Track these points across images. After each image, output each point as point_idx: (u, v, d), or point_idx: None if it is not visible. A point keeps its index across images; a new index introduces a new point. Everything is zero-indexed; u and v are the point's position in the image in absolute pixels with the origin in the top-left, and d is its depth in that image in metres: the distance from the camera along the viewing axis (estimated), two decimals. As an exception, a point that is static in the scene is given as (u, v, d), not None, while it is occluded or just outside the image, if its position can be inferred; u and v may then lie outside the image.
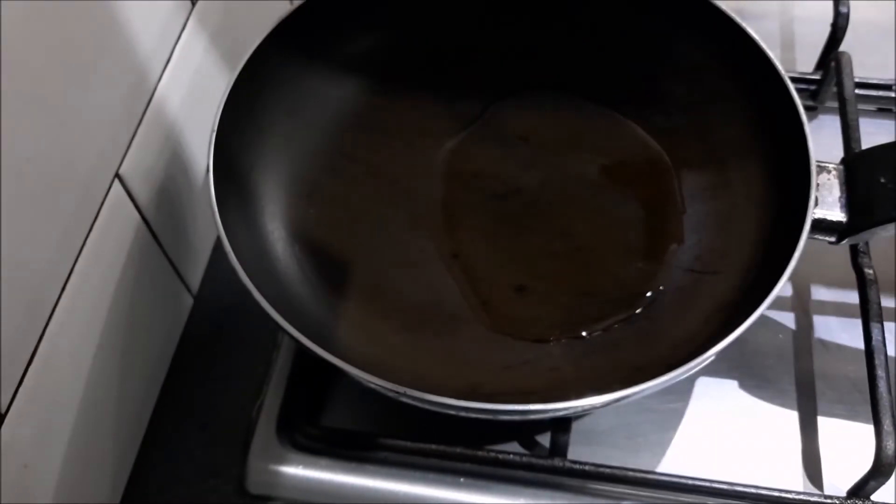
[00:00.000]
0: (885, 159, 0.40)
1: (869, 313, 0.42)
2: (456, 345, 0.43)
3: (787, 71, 0.42)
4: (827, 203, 0.40)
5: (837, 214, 0.40)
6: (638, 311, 0.43)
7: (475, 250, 0.46)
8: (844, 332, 0.47)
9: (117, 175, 0.40)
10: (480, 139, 0.50)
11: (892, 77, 0.55)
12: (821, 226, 0.40)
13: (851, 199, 0.40)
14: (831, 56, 0.53)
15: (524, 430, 0.44)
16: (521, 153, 0.49)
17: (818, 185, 0.40)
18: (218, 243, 0.52)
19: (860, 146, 0.47)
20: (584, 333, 0.43)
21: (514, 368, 0.42)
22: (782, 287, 0.37)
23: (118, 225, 0.41)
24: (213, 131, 0.41)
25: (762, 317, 0.37)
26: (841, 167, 0.41)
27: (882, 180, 0.40)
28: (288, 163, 0.47)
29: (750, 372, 0.45)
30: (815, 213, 0.40)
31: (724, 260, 0.44)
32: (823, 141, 0.46)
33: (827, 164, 0.41)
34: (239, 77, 0.43)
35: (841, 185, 0.41)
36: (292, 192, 0.47)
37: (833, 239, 0.41)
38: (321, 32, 0.48)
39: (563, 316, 0.44)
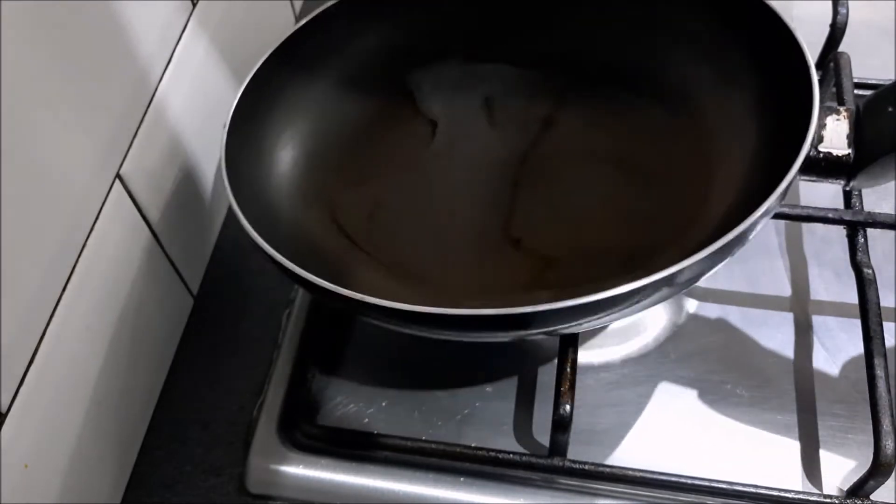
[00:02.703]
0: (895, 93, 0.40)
1: (868, 313, 0.42)
2: (446, 292, 0.43)
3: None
4: (834, 142, 0.40)
5: (844, 149, 0.40)
6: (635, 262, 0.42)
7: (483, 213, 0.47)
8: (843, 332, 0.47)
9: (118, 175, 0.40)
10: (490, 125, 0.51)
11: (891, 77, 0.55)
12: (829, 161, 0.40)
13: (860, 134, 0.40)
14: (830, 56, 0.53)
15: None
16: (532, 131, 0.50)
17: (825, 125, 0.40)
18: (219, 243, 0.52)
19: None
20: (577, 287, 0.43)
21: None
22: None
23: (119, 225, 0.41)
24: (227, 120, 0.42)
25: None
26: (853, 109, 0.41)
27: (890, 109, 0.39)
28: (303, 155, 0.48)
29: (749, 371, 0.45)
30: (822, 148, 0.39)
31: (726, 211, 0.43)
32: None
33: (838, 107, 0.41)
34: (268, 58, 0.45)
35: (851, 124, 0.40)
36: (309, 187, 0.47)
37: (842, 181, 0.41)
38: (333, 42, 0.49)
39: (559, 267, 0.44)
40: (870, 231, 0.46)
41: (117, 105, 0.40)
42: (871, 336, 0.42)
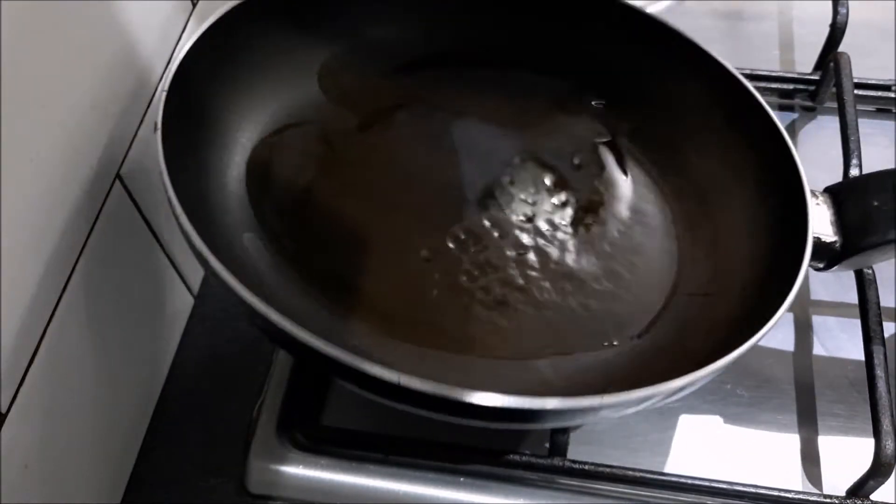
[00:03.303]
0: (876, 185, 0.40)
1: (868, 313, 0.42)
2: (440, 360, 0.41)
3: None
4: (819, 225, 0.40)
5: (831, 236, 0.40)
6: (633, 332, 0.42)
7: (451, 256, 0.44)
8: (843, 332, 0.47)
9: (118, 176, 0.40)
10: (438, 143, 0.48)
11: (891, 77, 0.55)
12: (815, 246, 0.39)
13: (844, 222, 0.40)
14: (830, 56, 0.53)
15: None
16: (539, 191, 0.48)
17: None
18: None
19: (859, 147, 0.47)
20: (575, 353, 0.41)
21: (501, 379, 0.40)
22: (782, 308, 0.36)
23: (119, 225, 0.41)
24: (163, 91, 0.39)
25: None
26: (827, 195, 0.41)
27: (875, 203, 0.39)
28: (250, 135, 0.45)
29: (749, 371, 0.45)
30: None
31: (717, 283, 0.43)
32: (822, 141, 0.47)
33: (814, 191, 0.41)
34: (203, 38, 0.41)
35: (831, 209, 0.40)
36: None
37: (822, 265, 0.41)
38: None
39: (553, 334, 0.42)
40: (870, 231, 0.46)
41: (117, 105, 0.40)
42: (871, 336, 0.42)
